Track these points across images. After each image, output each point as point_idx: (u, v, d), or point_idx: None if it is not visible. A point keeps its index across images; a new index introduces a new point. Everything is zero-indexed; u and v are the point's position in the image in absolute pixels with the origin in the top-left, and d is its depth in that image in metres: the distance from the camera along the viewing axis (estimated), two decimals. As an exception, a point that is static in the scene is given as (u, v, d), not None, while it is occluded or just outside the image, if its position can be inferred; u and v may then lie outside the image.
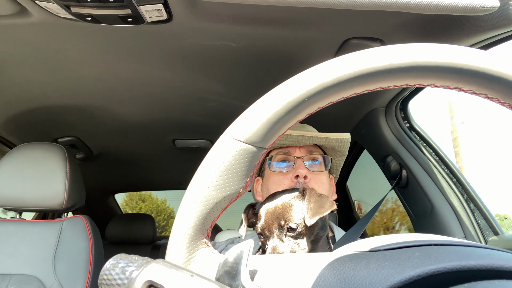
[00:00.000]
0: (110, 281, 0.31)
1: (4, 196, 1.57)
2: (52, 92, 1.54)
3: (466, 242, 0.38)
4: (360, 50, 0.38)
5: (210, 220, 0.39)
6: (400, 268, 0.31)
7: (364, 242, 0.41)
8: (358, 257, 0.36)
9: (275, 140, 0.40)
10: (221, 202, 0.39)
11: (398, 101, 1.50)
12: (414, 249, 0.35)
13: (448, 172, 1.40)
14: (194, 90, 1.51)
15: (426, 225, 1.39)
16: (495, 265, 0.31)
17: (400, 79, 0.37)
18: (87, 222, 1.61)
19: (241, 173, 0.39)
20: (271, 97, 0.39)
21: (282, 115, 0.38)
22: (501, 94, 0.36)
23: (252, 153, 0.39)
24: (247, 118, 0.39)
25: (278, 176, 1.10)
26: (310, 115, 0.40)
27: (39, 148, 1.66)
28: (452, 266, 0.30)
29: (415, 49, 0.37)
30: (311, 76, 0.38)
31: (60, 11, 0.94)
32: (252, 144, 0.38)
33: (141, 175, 2.95)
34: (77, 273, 1.49)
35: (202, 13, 0.97)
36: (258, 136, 0.38)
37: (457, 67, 0.36)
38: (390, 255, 0.35)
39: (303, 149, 1.13)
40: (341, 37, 1.09)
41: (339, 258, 0.37)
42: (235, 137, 0.38)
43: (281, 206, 0.79)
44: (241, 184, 0.39)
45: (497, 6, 0.80)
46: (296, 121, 0.39)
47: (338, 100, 0.39)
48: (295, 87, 0.38)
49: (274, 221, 0.78)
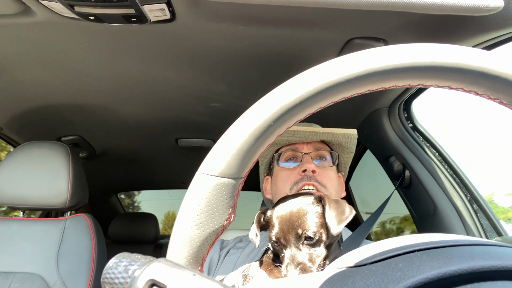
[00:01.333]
0: (113, 280, 0.31)
1: (7, 195, 1.58)
2: (56, 91, 1.55)
3: (451, 241, 0.38)
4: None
5: (200, 258, 0.39)
6: (384, 284, 0.31)
7: (354, 254, 0.40)
8: (345, 276, 0.36)
9: (251, 167, 0.40)
10: (207, 239, 0.38)
11: (401, 101, 1.49)
12: (398, 260, 0.35)
13: (452, 172, 1.39)
14: (197, 89, 1.51)
15: (429, 225, 1.39)
16: (476, 267, 0.30)
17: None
18: (90, 220, 1.62)
19: (222, 207, 0.38)
20: (237, 127, 0.38)
21: (251, 143, 0.38)
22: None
23: (230, 185, 0.38)
24: (218, 151, 0.39)
25: (285, 172, 1.11)
26: (281, 135, 0.40)
27: (43, 146, 1.66)
28: (432, 275, 0.30)
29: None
30: (273, 99, 0.38)
31: (64, 10, 0.94)
32: (228, 177, 0.38)
33: (144, 174, 2.95)
34: (80, 272, 1.49)
35: (205, 13, 0.97)
36: (232, 168, 0.38)
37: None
38: (375, 269, 0.34)
39: (311, 145, 1.15)
40: (345, 37, 1.09)
41: (327, 280, 0.36)
42: (209, 173, 0.38)
43: (297, 213, 0.76)
44: (223, 217, 0.39)
45: (501, 6, 0.79)
46: (267, 145, 0.39)
47: (305, 117, 0.39)
48: (259, 112, 0.38)
49: (290, 230, 0.75)
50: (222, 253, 1.14)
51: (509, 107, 0.38)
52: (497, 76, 0.35)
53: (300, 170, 1.08)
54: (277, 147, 1.19)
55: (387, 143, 1.56)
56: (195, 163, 0.80)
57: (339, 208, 0.76)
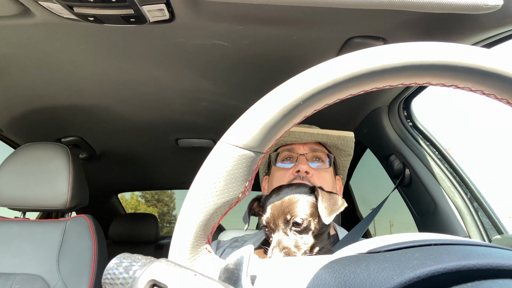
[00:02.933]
0: (114, 280, 0.31)
1: (8, 196, 1.58)
2: (55, 92, 1.55)
3: (467, 241, 0.38)
4: (363, 49, 0.38)
5: (210, 226, 0.39)
6: (400, 270, 0.31)
7: (365, 243, 0.41)
8: (358, 259, 0.36)
9: (273, 143, 0.40)
10: (221, 207, 0.39)
11: (401, 99, 1.49)
12: (414, 250, 0.35)
13: (452, 171, 1.39)
14: (197, 90, 1.51)
15: (429, 224, 1.39)
16: (495, 264, 0.31)
17: (394, 79, 0.37)
18: (90, 221, 1.62)
19: (240, 178, 0.39)
20: (267, 101, 0.39)
21: (279, 119, 0.38)
22: (497, 90, 0.36)
23: (251, 158, 0.39)
24: (244, 123, 0.39)
25: (281, 172, 1.13)
26: (307, 117, 0.40)
27: (43, 148, 1.66)
28: (451, 266, 0.30)
29: (407, 48, 0.37)
30: (306, 79, 0.38)
31: (63, 11, 0.94)
32: (250, 149, 0.38)
33: (144, 174, 2.96)
34: (81, 273, 1.49)
35: (204, 13, 0.97)
36: (256, 141, 0.38)
37: (448, 65, 0.36)
38: (390, 256, 0.34)
39: (307, 146, 1.15)
40: (344, 36, 1.09)
41: (339, 261, 0.37)
42: (232, 143, 0.38)
43: (288, 200, 0.80)
44: (240, 189, 0.39)
45: (500, 5, 0.79)
46: (292, 124, 0.39)
47: (334, 102, 0.39)
48: (290, 91, 0.38)
49: (280, 215, 0.79)
50: (218, 253, 1.15)
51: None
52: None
53: (294, 170, 1.09)
54: (275, 147, 1.19)
55: (387, 142, 1.56)
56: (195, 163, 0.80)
57: (331, 199, 0.80)
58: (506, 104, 0.38)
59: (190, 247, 0.38)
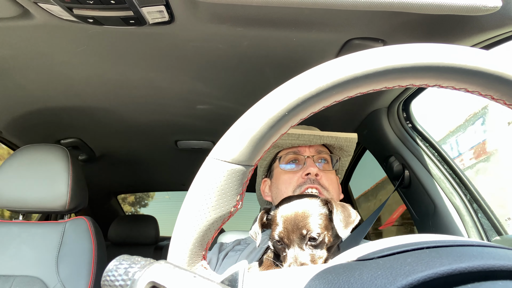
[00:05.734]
0: (113, 282, 0.31)
1: (7, 198, 1.57)
2: (55, 94, 1.55)
3: (460, 241, 0.38)
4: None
5: (205, 243, 0.39)
6: (393, 277, 0.31)
7: (359, 249, 0.41)
8: (352, 268, 0.36)
9: (262, 155, 0.40)
10: (214, 223, 0.38)
11: (400, 101, 1.49)
12: (407, 255, 0.35)
13: (451, 172, 1.39)
14: (196, 91, 1.51)
15: (429, 225, 1.39)
16: (486, 265, 0.31)
17: (376, 83, 0.37)
18: (89, 223, 1.62)
19: (231, 193, 0.39)
20: (253, 114, 0.38)
21: (265, 132, 0.38)
22: (481, 87, 0.36)
23: (240, 172, 0.38)
24: (231, 137, 0.39)
25: (288, 175, 1.12)
26: (294, 126, 0.40)
27: (42, 149, 1.66)
28: (442, 271, 0.30)
29: (400, 50, 0.37)
30: (289, 89, 0.38)
31: (62, 13, 0.94)
32: (239, 164, 0.38)
33: (144, 176, 2.95)
34: (80, 274, 1.49)
35: (203, 15, 0.98)
36: (244, 155, 0.38)
37: (428, 65, 0.36)
38: (383, 263, 0.34)
39: (312, 148, 1.16)
40: (343, 38, 1.09)
41: (332, 270, 0.37)
42: (221, 158, 0.38)
43: (302, 214, 0.77)
44: (231, 203, 0.39)
45: (499, 6, 0.80)
46: (280, 134, 0.39)
47: (319, 110, 0.39)
48: (274, 102, 0.38)
49: (294, 230, 0.75)
50: (221, 255, 1.14)
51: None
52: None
53: (303, 173, 1.09)
54: (278, 150, 1.19)
55: (387, 144, 1.56)
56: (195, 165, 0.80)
57: (345, 211, 0.77)
58: (491, 100, 0.38)
59: (185, 263, 0.38)
